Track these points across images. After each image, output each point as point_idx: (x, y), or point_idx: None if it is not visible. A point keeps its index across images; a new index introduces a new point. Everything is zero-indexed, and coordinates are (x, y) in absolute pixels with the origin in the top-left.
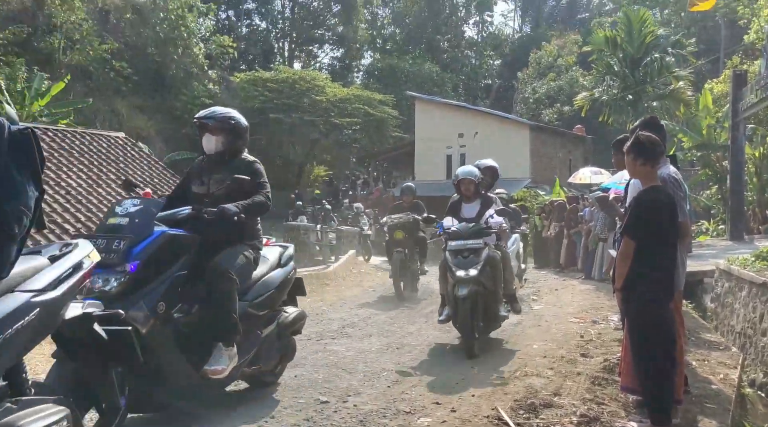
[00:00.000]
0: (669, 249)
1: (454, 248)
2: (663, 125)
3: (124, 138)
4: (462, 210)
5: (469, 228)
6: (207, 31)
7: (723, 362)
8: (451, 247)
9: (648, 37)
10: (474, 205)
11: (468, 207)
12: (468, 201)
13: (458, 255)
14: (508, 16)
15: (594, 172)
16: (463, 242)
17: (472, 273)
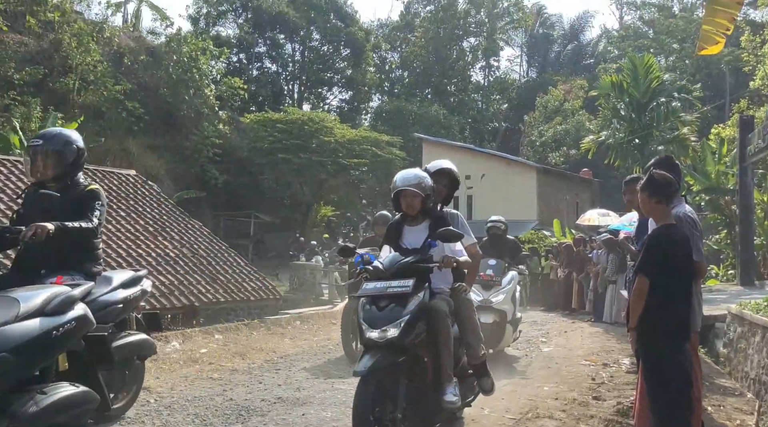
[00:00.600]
0: (684, 288)
1: (368, 292)
2: (678, 164)
3: (134, 176)
4: (403, 236)
5: (396, 263)
6: (218, 73)
7: (739, 408)
8: (363, 291)
9: (654, 82)
10: (421, 228)
11: (412, 232)
12: (412, 222)
13: (373, 305)
14: (515, 62)
15: (601, 213)
16: (382, 284)
17: (390, 334)
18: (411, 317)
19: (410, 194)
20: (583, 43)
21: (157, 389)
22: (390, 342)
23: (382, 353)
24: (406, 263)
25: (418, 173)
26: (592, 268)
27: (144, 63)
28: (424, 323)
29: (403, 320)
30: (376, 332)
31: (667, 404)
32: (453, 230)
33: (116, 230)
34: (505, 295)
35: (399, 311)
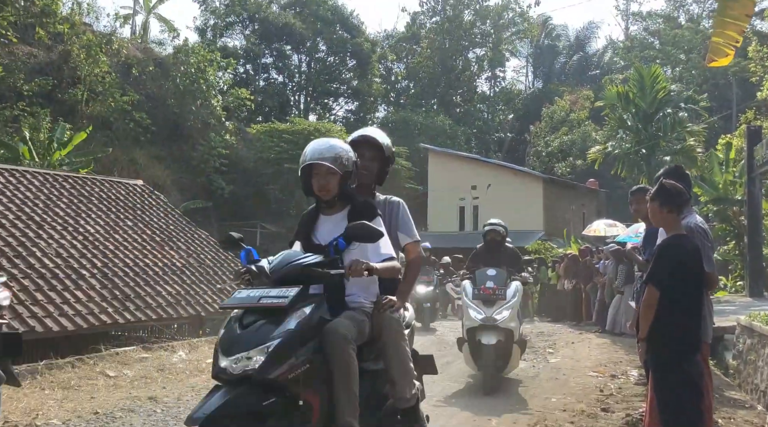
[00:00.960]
0: (694, 299)
1: (234, 303)
2: (688, 174)
3: (142, 186)
4: (317, 228)
5: (285, 264)
6: (225, 84)
7: (749, 421)
8: (229, 302)
9: (660, 92)
10: (337, 219)
11: (326, 223)
12: (328, 210)
13: (240, 321)
14: (520, 72)
15: (608, 224)
16: (256, 292)
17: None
18: (283, 341)
19: (324, 171)
20: (589, 53)
21: (163, 399)
22: (247, 375)
23: (237, 392)
24: (298, 265)
25: (336, 144)
26: (599, 279)
27: (152, 74)
28: (309, 351)
29: (271, 344)
30: (228, 359)
31: (677, 416)
32: (367, 224)
33: (123, 239)
34: (511, 310)
35: (268, 332)
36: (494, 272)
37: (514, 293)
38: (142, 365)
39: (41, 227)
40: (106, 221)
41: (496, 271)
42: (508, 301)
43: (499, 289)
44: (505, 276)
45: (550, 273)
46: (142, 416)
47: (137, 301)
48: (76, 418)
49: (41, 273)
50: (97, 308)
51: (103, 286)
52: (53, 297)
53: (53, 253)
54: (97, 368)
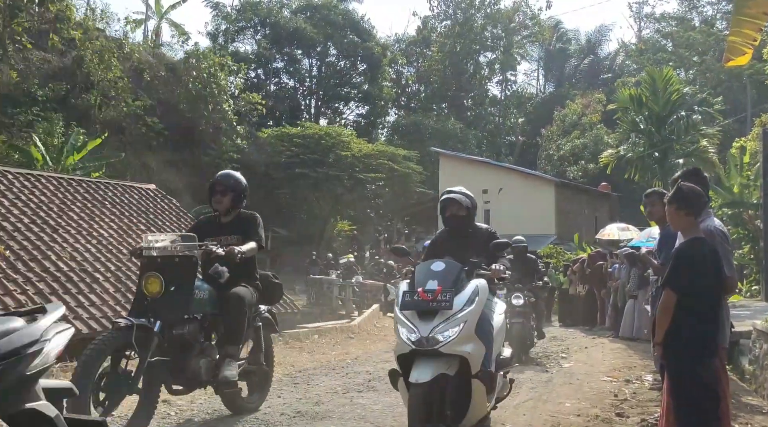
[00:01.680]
0: (712, 303)
1: None
2: (706, 177)
3: (154, 190)
4: None
5: None
6: (237, 89)
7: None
8: None
9: (674, 95)
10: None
11: None
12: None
13: None
14: (531, 76)
15: (621, 228)
16: None
17: None
18: None
19: None
20: (601, 57)
21: (177, 402)
22: None
23: None
24: None
25: None
26: (612, 283)
27: (164, 79)
28: None
29: None
30: None
31: (693, 421)
32: None
33: (136, 243)
34: (461, 326)
35: None
36: (442, 266)
37: (470, 299)
38: None
39: (56, 231)
40: (120, 224)
41: (446, 264)
42: (458, 311)
43: (444, 292)
44: (460, 272)
45: (562, 278)
46: (156, 418)
47: None
48: None
49: (56, 277)
50: (111, 312)
51: (117, 289)
52: (68, 300)
53: (68, 257)
54: None
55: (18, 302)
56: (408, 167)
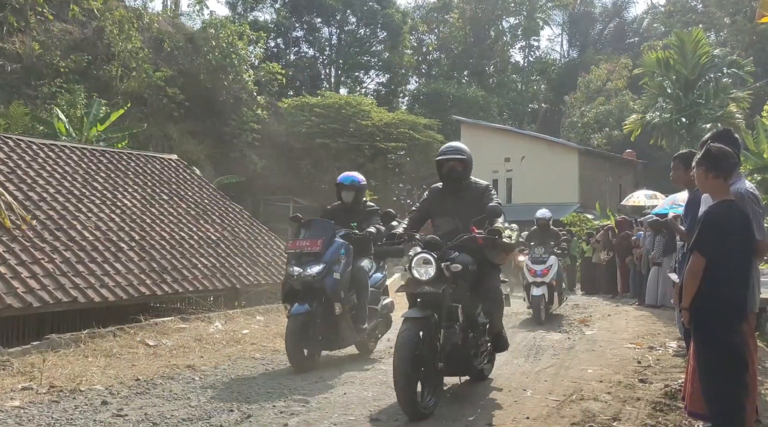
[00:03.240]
0: (741, 266)
1: None
2: (738, 138)
3: (176, 160)
4: None
5: None
6: (257, 59)
7: None
8: None
9: (703, 57)
10: None
11: None
12: None
13: None
14: (555, 41)
15: (649, 195)
16: None
17: None
18: None
19: None
20: (627, 20)
21: (201, 368)
22: None
23: None
24: None
25: None
26: (637, 251)
27: (183, 49)
28: None
29: None
30: None
31: (720, 386)
32: None
33: (159, 213)
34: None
35: None
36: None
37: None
38: (180, 335)
39: (80, 201)
40: (143, 194)
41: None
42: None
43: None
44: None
45: (585, 246)
46: (181, 383)
47: (174, 273)
48: (118, 384)
49: (82, 246)
50: (135, 280)
51: (141, 258)
52: (94, 269)
53: (92, 226)
54: (137, 338)
55: (46, 270)
56: (429, 136)
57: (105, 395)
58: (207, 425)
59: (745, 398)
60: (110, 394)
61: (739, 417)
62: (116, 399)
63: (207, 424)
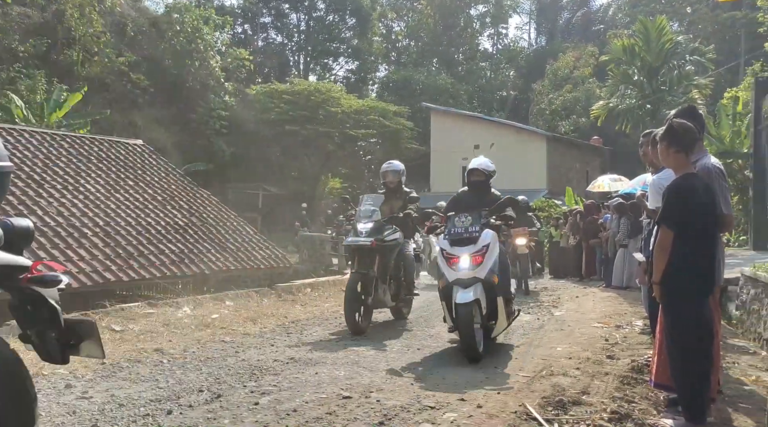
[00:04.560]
0: (708, 241)
1: None
2: (701, 114)
3: (141, 145)
4: None
5: None
6: (223, 45)
7: (754, 365)
8: None
9: (666, 44)
10: None
11: None
12: None
13: None
14: (523, 29)
15: (613, 179)
16: None
17: None
18: None
19: None
20: (593, 9)
21: (169, 351)
22: None
23: None
24: None
25: None
26: (603, 234)
27: (147, 34)
28: None
29: None
30: None
31: (688, 357)
32: None
33: (124, 198)
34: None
35: None
36: None
37: None
38: (147, 320)
39: (41, 186)
40: (107, 180)
41: None
42: None
43: None
44: None
45: (554, 231)
46: (149, 366)
47: (140, 259)
48: (83, 368)
49: (43, 231)
50: (100, 266)
51: (106, 244)
52: (56, 255)
53: (54, 212)
54: (102, 323)
55: None
56: (399, 123)
57: (69, 378)
58: (176, 406)
59: (710, 369)
60: (74, 377)
61: (704, 387)
62: (80, 382)
63: (176, 404)
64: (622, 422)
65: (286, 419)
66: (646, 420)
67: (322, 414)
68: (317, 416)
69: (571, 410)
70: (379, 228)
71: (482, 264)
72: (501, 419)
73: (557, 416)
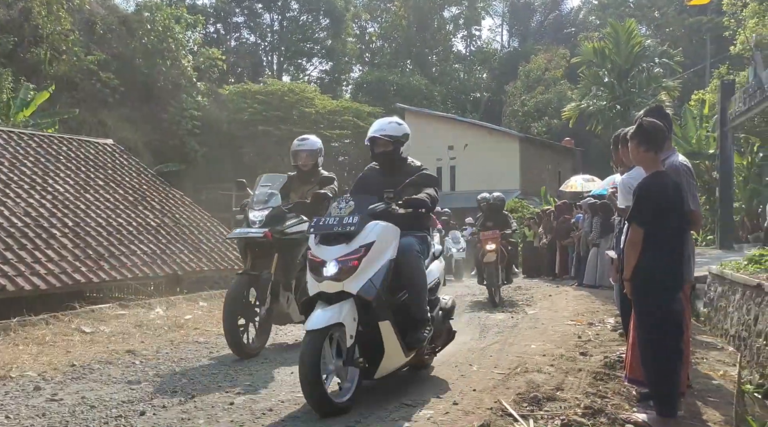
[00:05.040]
0: (677, 237)
1: None
2: (669, 114)
3: (112, 145)
4: None
5: None
6: (195, 44)
7: (721, 360)
8: None
9: (636, 47)
10: None
11: None
12: None
13: None
14: (496, 31)
15: (586, 180)
16: None
17: None
18: None
19: None
20: (564, 12)
21: (141, 353)
22: None
23: None
24: None
25: None
26: (576, 233)
27: (117, 32)
28: None
29: None
30: None
31: (659, 352)
32: None
33: (94, 199)
34: None
35: None
36: None
37: None
38: (119, 322)
39: (8, 186)
40: (76, 180)
41: None
42: None
43: None
44: None
45: (527, 231)
46: (120, 367)
47: (111, 260)
48: (52, 370)
49: (10, 232)
50: (70, 267)
51: (76, 245)
52: (24, 256)
53: (21, 212)
54: (72, 325)
55: None
56: None
57: (38, 381)
58: (149, 407)
59: (681, 363)
60: (43, 379)
61: (674, 381)
62: (50, 384)
63: (149, 406)
64: (596, 417)
65: (262, 419)
66: (618, 415)
67: (299, 413)
68: (293, 415)
69: (545, 406)
70: (279, 216)
71: (357, 272)
72: (477, 416)
73: (532, 412)
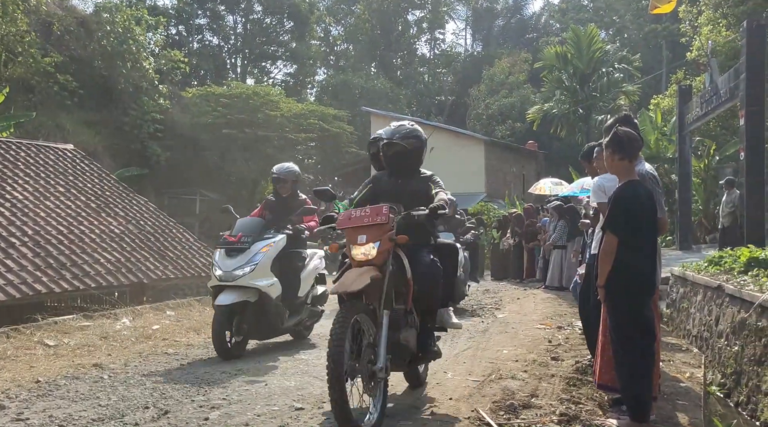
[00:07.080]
0: (650, 244)
1: None
2: (637, 123)
3: (72, 150)
4: None
5: None
6: (157, 46)
7: (687, 362)
8: None
9: (597, 53)
10: None
11: None
12: None
13: None
14: (460, 35)
15: (554, 183)
16: None
17: None
18: None
19: None
20: (526, 17)
21: (109, 366)
22: None
23: None
24: None
25: None
26: (543, 236)
27: (75, 34)
28: None
29: None
30: None
31: (632, 358)
32: None
33: (55, 206)
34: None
35: None
36: None
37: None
38: (83, 334)
39: None
40: (35, 186)
41: None
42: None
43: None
44: None
45: (495, 234)
46: (88, 382)
47: (74, 269)
48: (16, 387)
49: None
50: (30, 278)
51: (36, 254)
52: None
53: None
54: (34, 338)
55: None
56: (339, 127)
57: (2, 399)
58: (120, 425)
59: (652, 368)
60: (7, 398)
61: (647, 387)
62: (15, 403)
63: (120, 423)
64: (571, 424)
65: None
66: (593, 421)
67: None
68: None
69: (522, 414)
70: None
71: None
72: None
73: (509, 420)
